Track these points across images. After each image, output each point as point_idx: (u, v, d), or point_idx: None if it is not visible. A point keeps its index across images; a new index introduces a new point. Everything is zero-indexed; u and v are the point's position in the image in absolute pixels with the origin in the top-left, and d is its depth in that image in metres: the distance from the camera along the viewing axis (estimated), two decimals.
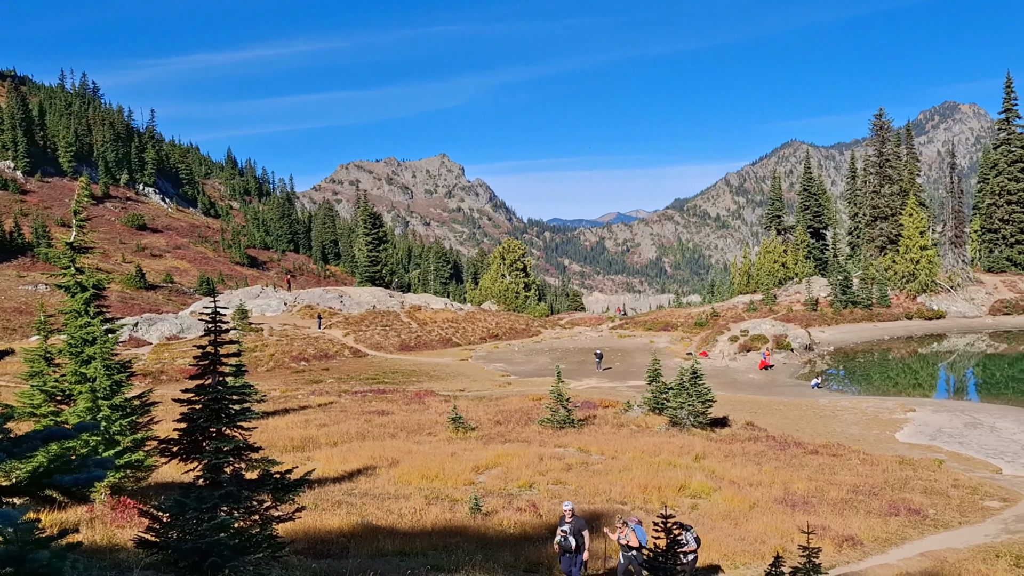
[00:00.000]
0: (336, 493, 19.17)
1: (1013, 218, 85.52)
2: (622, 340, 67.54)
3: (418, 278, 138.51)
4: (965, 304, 76.79)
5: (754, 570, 15.36)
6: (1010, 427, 35.70)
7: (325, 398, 37.59)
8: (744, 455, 27.41)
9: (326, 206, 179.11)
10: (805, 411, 39.29)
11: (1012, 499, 23.46)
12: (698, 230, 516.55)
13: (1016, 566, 17.32)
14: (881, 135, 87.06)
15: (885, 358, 61.24)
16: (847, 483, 23.96)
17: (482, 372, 52.42)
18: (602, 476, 22.58)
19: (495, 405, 36.11)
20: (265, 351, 55.61)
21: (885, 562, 17.17)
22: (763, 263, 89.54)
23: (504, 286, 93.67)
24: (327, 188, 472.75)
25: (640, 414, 34.41)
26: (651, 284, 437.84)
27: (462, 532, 16.34)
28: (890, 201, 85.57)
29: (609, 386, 46.77)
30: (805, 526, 12.61)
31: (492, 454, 24.42)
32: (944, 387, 51.72)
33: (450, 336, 67.00)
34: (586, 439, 28.50)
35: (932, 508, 21.82)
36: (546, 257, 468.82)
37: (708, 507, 20.41)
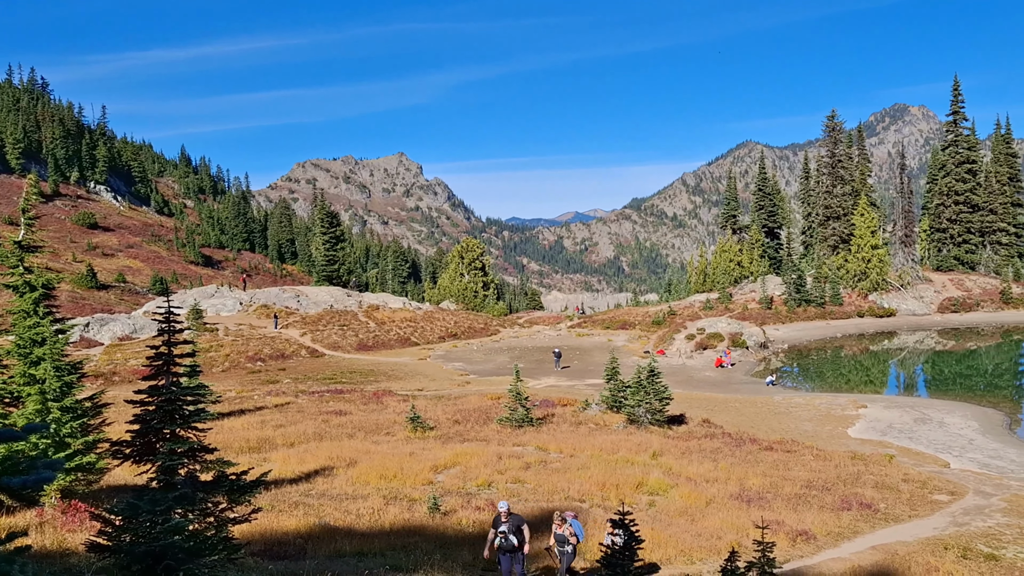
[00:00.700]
0: (293, 494, 19.01)
1: (960, 218, 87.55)
2: (580, 339, 67.84)
3: (376, 277, 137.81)
4: (915, 302, 78.40)
5: (710, 565, 15.54)
6: (958, 422, 36.55)
7: (282, 398, 37.22)
8: (701, 452, 27.70)
9: (282, 204, 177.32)
10: (760, 408, 39.82)
11: (959, 493, 24.02)
12: (655, 229, 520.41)
13: (964, 558, 17.75)
14: (833, 136, 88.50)
15: (838, 355, 62.29)
16: (801, 478, 24.34)
17: (441, 371, 52.31)
18: (560, 474, 22.66)
19: (454, 404, 36.06)
20: (220, 351, 54.90)
21: (838, 556, 17.48)
22: (719, 262, 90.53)
23: (463, 285, 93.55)
24: (283, 186, 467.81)
25: (598, 412, 34.60)
26: (609, 283, 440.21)
27: (421, 532, 16.31)
28: (842, 201, 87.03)
29: (567, 384, 46.94)
30: (760, 521, 12.79)
31: (451, 453, 24.39)
32: (895, 384, 52.77)
33: (408, 335, 66.74)
34: (544, 437, 28.59)
35: (883, 502, 22.26)
36: (505, 256, 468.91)
37: (665, 504, 20.59)
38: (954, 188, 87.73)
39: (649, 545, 16.01)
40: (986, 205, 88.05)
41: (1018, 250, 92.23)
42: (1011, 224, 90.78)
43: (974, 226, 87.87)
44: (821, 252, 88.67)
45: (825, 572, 15.98)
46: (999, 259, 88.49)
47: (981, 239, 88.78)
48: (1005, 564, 17.52)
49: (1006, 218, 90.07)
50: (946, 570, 16.39)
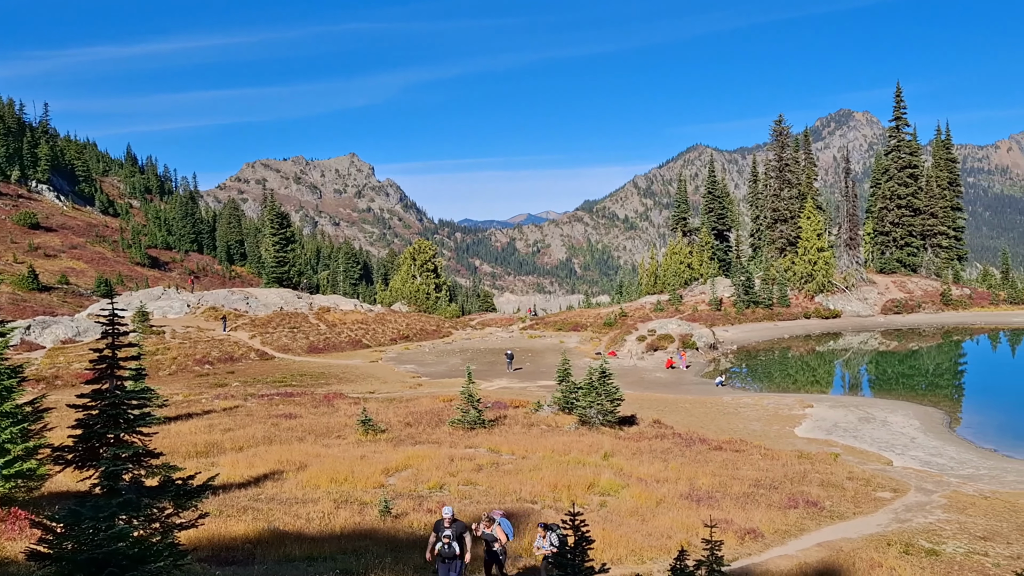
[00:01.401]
0: (242, 499, 18.75)
1: (902, 221, 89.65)
2: (533, 340, 68.00)
3: (327, 279, 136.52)
4: (859, 303, 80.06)
5: (660, 564, 15.68)
6: (900, 421, 37.41)
7: (230, 402, 36.69)
8: (651, 452, 27.96)
9: (232, 205, 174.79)
10: (710, 408, 40.31)
11: (902, 490, 24.58)
12: (607, 231, 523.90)
13: (906, 553, 18.17)
14: (781, 140, 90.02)
15: (785, 356, 63.33)
16: (749, 477, 24.70)
17: (392, 373, 52.04)
18: (512, 476, 22.69)
19: (406, 407, 35.89)
20: (167, 354, 53.95)
21: (785, 553, 17.77)
22: (669, 264, 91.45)
23: (415, 287, 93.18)
24: (233, 187, 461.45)
25: (550, 413, 34.72)
26: (561, 285, 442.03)
27: (372, 535, 16.20)
28: (789, 204, 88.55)
29: (520, 386, 47.02)
30: (709, 520, 12.95)
31: (402, 456, 24.28)
32: (840, 383, 53.80)
33: (360, 337, 66.26)
34: (497, 439, 28.60)
35: (829, 500, 22.69)
36: (457, 258, 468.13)
37: (616, 504, 20.74)
38: (896, 192, 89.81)
39: (600, 545, 16.12)
40: (927, 209, 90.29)
41: (957, 253, 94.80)
42: (951, 228, 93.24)
43: (916, 229, 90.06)
44: (769, 254, 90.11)
45: (772, 570, 16.23)
46: (939, 262, 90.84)
47: (922, 242, 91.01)
48: (945, 559, 17.98)
49: (946, 222, 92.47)
50: (889, 566, 16.76)
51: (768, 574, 15.82)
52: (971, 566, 17.57)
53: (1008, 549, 19.01)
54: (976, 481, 26.87)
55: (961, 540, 19.58)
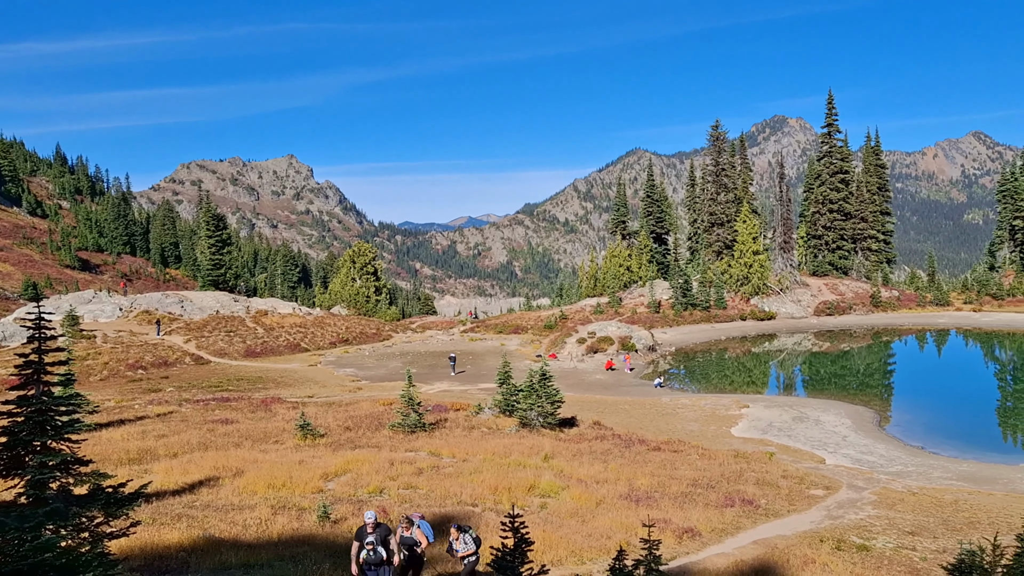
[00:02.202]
0: (176, 506, 18.35)
1: (834, 225, 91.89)
2: (473, 343, 67.96)
3: (265, 282, 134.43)
4: (793, 306, 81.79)
5: (600, 565, 15.79)
6: (832, 420, 38.33)
7: (164, 407, 35.88)
8: (591, 454, 28.14)
9: (166, 207, 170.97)
10: (649, 409, 40.76)
11: (834, 487, 25.17)
12: (548, 234, 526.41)
13: (838, 549, 18.61)
14: (718, 145, 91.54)
15: (722, 357, 64.36)
16: (687, 477, 25.04)
17: (332, 377, 51.50)
18: (453, 479, 22.63)
19: (345, 411, 35.54)
20: (98, 359, 52.54)
21: (722, 551, 18.04)
22: (609, 267, 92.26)
23: (354, 290, 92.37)
24: (167, 188, 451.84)
25: (491, 416, 34.73)
26: (502, 287, 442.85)
27: (310, 541, 16.00)
28: (726, 208, 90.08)
29: (460, 389, 46.94)
30: (648, 520, 13.09)
31: (342, 460, 24.02)
32: (775, 384, 54.87)
33: (298, 341, 65.42)
34: (437, 442, 28.50)
35: (764, 498, 23.11)
36: (397, 261, 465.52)
37: (557, 505, 20.82)
38: (828, 197, 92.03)
39: (541, 547, 16.16)
40: (858, 213, 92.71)
41: (886, 256, 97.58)
42: (880, 231, 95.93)
43: (847, 233, 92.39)
44: (706, 257, 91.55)
45: (710, 568, 16.46)
46: (869, 264, 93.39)
47: (853, 245, 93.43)
48: (875, 554, 18.46)
49: (876, 225, 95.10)
50: (822, 562, 17.13)
51: (706, 572, 16.04)
52: (900, 561, 18.07)
53: (935, 543, 19.60)
54: (904, 478, 27.66)
55: (890, 535, 20.12)
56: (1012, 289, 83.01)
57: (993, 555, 13.74)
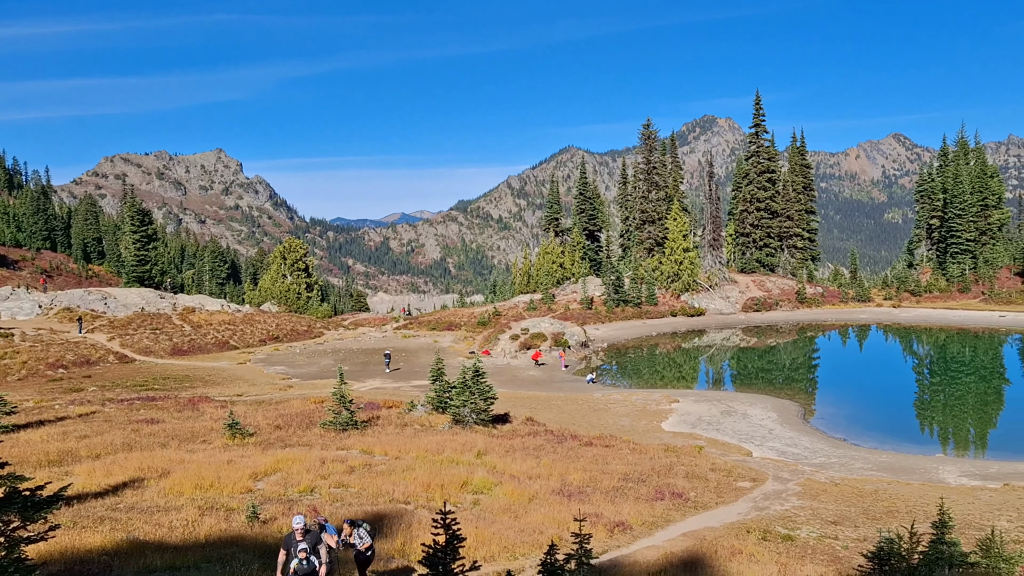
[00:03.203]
0: (98, 509, 17.84)
1: (761, 223, 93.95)
2: (407, 340, 67.62)
3: (192, 278, 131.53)
4: (722, 302, 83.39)
5: (532, 560, 15.87)
6: (759, 414, 39.21)
7: (87, 407, 34.83)
8: (524, 450, 28.26)
9: (88, 201, 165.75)
10: (581, 405, 41.12)
11: (760, 479, 25.77)
12: (481, 231, 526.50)
13: (764, 539, 19.06)
14: (649, 144, 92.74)
15: (653, 353, 65.27)
16: (619, 472, 25.33)
17: (261, 376, 50.69)
18: (385, 477, 22.49)
19: (275, 409, 35.02)
20: (16, 358, 50.73)
21: (652, 544, 18.32)
22: (542, 264, 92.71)
23: (285, 287, 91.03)
24: (90, 182, 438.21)
25: (424, 413, 34.61)
26: (436, 284, 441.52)
27: (239, 542, 15.73)
28: (657, 206, 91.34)
29: (393, 386, 46.69)
30: (579, 514, 13.21)
31: (272, 460, 23.66)
32: (704, 379, 55.90)
33: (227, 339, 64.20)
34: (370, 440, 28.29)
35: (693, 491, 23.53)
36: (329, 257, 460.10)
37: (490, 502, 20.86)
38: (756, 195, 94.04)
39: (473, 543, 16.17)
40: (784, 212, 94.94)
41: (811, 253, 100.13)
42: (805, 230, 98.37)
43: (774, 231, 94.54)
44: (638, 254, 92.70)
45: (640, 560, 16.69)
46: (795, 262, 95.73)
47: (780, 243, 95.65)
48: (799, 543, 18.96)
49: (801, 224, 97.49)
50: (748, 552, 17.52)
51: (636, 565, 16.26)
52: (823, 550, 18.59)
53: (856, 532, 20.22)
54: (828, 469, 28.48)
55: (814, 525, 20.69)
56: (929, 286, 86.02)
57: (910, 542, 14.25)
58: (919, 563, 13.81)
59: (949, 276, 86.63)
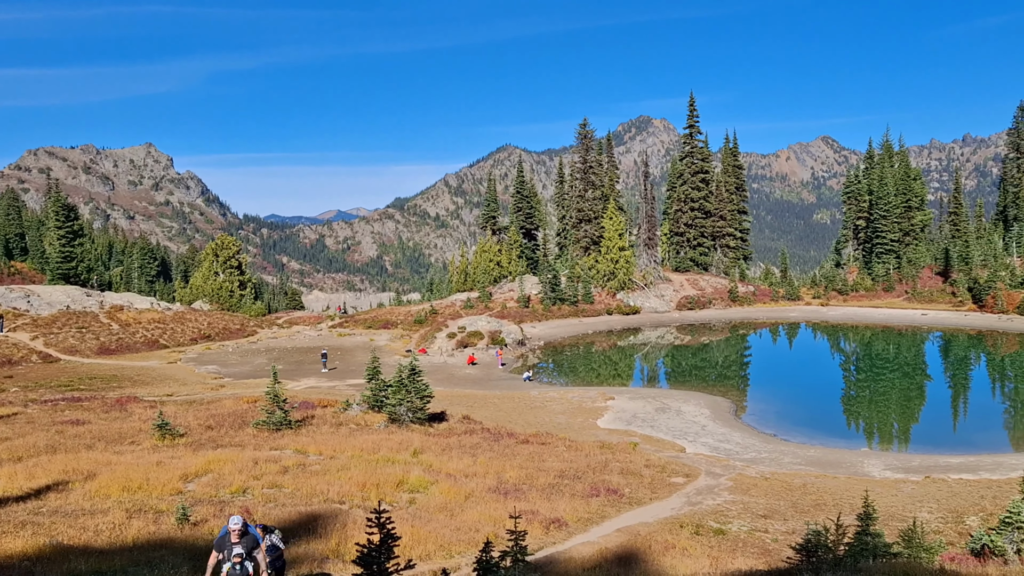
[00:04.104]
0: (20, 513, 17.27)
1: (695, 223, 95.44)
2: (342, 339, 66.98)
3: (121, 276, 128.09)
4: (657, 300, 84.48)
5: (468, 558, 15.88)
6: (692, 410, 39.84)
7: (8, 409, 33.69)
8: (461, 448, 28.25)
9: (10, 195, 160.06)
10: (518, 403, 41.25)
11: (693, 475, 26.20)
12: (418, 229, 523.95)
13: (696, 534, 19.40)
14: (585, 144, 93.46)
15: (589, 351, 65.81)
16: (555, 469, 25.49)
17: (193, 375, 49.68)
18: (320, 476, 22.25)
19: (207, 409, 34.35)
20: None
21: (587, 540, 18.48)
22: (479, 262, 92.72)
23: (217, 284, 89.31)
24: (12, 175, 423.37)
25: (359, 412, 34.33)
26: (372, 282, 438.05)
27: (168, 544, 15.39)
28: (593, 205, 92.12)
29: (328, 385, 46.22)
30: (515, 512, 13.25)
31: (203, 460, 23.21)
32: (639, 376, 56.56)
33: (157, 338, 62.75)
34: (304, 440, 27.96)
35: (628, 487, 23.81)
36: (263, 255, 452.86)
37: (426, 500, 20.80)
38: (690, 195, 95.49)
39: (409, 542, 16.12)
40: (717, 211, 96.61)
41: (743, 253, 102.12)
42: (737, 229, 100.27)
43: (707, 231, 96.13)
44: (574, 253, 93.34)
45: (575, 557, 16.82)
46: (728, 261, 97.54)
47: (713, 242, 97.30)
48: (731, 537, 19.35)
49: (733, 224, 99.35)
50: (681, 546, 17.80)
51: (571, 561, 16.38)
52: (753, 543, 19.00)
53: (785, 525, 20.71)
54: (758, 464, 29.08)
55: (745, 519, 21.12)
56: (855, 285, 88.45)
57: (836, 534, 14.66)
58: (845, 554, 14.22)
59: (875, 275, 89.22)
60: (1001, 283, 74.95)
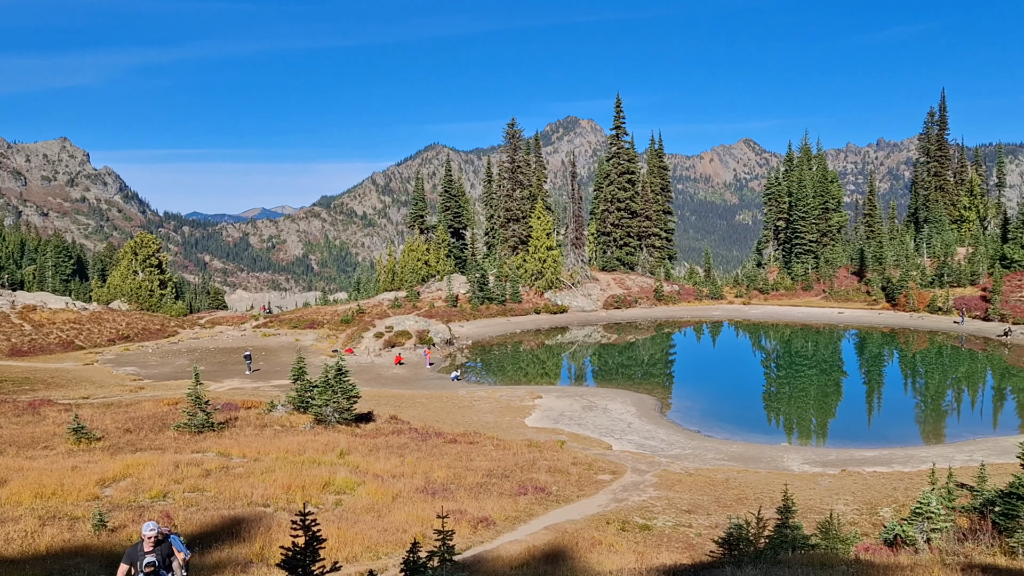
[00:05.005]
0: None
1: (622, 223, 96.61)
2: (267, 339, 65.87)
3: (34, 275, 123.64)
4: (584, 299, 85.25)
5: (395, 559, 15.78)
6: (619, 408, 40.34)
7: None
8: (388, 448, 28.08)
9: None
10: (446, 402, 41.17)
11: (619, 472, 26.54)
12: (345, 228, 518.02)
13: (623, 530, 19.66)
14: (514, 143, 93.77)
15: (517, 350, 66.05)
16: (483, 468, 25.53)
17: (110, 377, 48.23)
18: (244, 479, 21.86)
19: (125, 412, 33.41)
20: None
21: (515, 538, 18.56)
22: (407, 261, 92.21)
23: (137, 284, 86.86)
24: None
25: (284, 413, 33.84)
26: (298, 282, 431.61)
27: (84, 552, 14.92)
28: (521, 204, 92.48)
29: (252, 386, 45.41)
30: (442, 512, 13.23)
31: (121, 465, 22.57)
32: (567, 375, 56.99)
33: (72, 338, 60.72)
34: (227, 442, 27.44)
35: (555, 485, 23.99)
36: (185, 253, 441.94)
37: (352, 502, 20.62)
38: (616, 196, 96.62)
39: (335, 544, 15.97)
40: (643, 212, 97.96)
41: (668, 253, 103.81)
42: (663, 229, 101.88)
43: (633, 231, 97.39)
44: (502, 252, 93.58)
45: (503, 555, 16.88)
46: (653, 260, 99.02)
47: (639, 242, 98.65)
48: (656, 533, 19.66)
49: (659, 224, 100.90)
50: (608, 543, 18.02)
51: (499, 560, 16.43)
52: (677, 537, 19.35)
53: (708, 519, 21.15)
54: (683, 460, 29.62)
55: (669, 515, 21.49)
56: (776, 284, 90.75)
57: (757, 527, 15.03)
58: (765, 547, 14.59)
59: (794, 275, 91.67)
60: (912, 282, 77.90)
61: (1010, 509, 15.03)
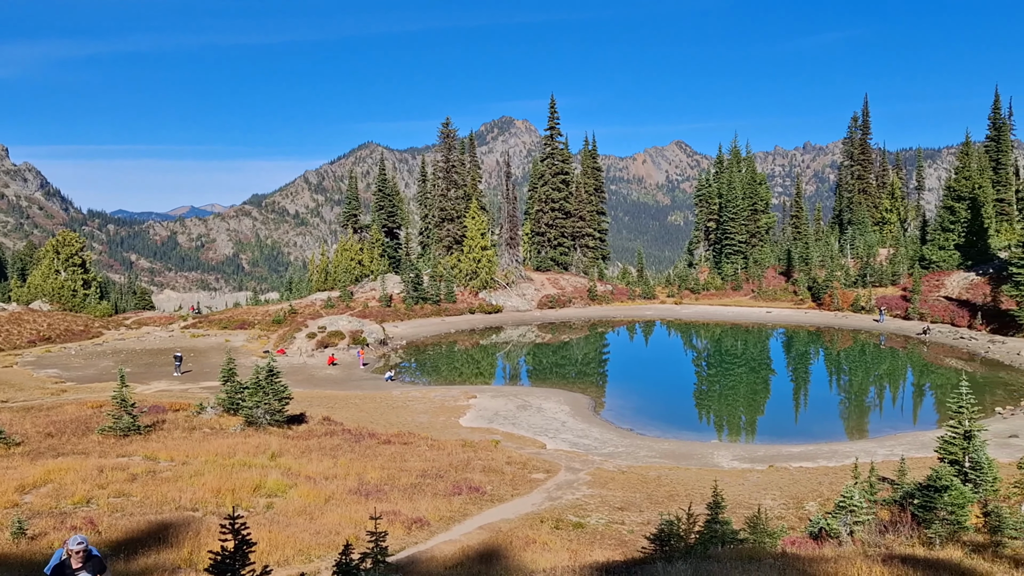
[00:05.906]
0: None
1: (556, 223, 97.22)
2: (196, 340, 64.52)
3: None
4: (519, 299, 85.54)
5: (328, 561, 15.63)
6: (553, 407, 40.60)
7: None
8: (321, 450, 27.78)
9: None
10: (380, 403, 40.91)
11: (553, 470, 26.72)
12: (277, 227, 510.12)
13: (556, 528, 19.79)
14: (448, 143, 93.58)
15: (452, 350, 65.93)
16: (417, 468, 25.44)
17: (31, 379, 46.65)
18: (172, 483, 21.39)
19: (46, 415, 32.37)
20: None
21: (450, 538, 18.55)
22: (341, 260, 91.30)
23: (59, 283, 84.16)
24: None
25: (214, 415, 33.21)
26: (228, 281, 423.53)
27: (3, 561, 14.43)
28: (456, 204, 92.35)
29: (181, 388, 44.44)
30: (376, 513, 13.15)
31: (42, 470, 21.86)
32: (501, 375, 57.10)
33: None
34: (154, 446, 26.81)
35: (490, 485, 24.03)
36: (110, 252, 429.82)
37: (284, 504, 20.34)
38: (551, 196, 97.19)
39: (267, 547, 15.74)
40: (577, 212, 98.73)
41: (602, 253, 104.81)
42: (596, 230, 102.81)
43: (567, 231, 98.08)
44: (437, 252, 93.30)
45: (437, 555, 16.85)
46: (587, 260, 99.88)
47: (573, 242, 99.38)
48: (589, 530, 19.85)
49: (593, 224, 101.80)
50: (542, 541, 18.12)
51: (433, 560, 16.40)
52: (610, 535, 19.56)
53: (640, 516, 21.43)
54: (616, 458, 29.96)
55: (603, 512, 21.71)
56: (707, 284, 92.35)
57: (688, 523, 15.30)
58: (696, 542, 14.86)
59: (724, 275, 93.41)
60: (837, 282, 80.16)
61: (928, 502, 15.60)
